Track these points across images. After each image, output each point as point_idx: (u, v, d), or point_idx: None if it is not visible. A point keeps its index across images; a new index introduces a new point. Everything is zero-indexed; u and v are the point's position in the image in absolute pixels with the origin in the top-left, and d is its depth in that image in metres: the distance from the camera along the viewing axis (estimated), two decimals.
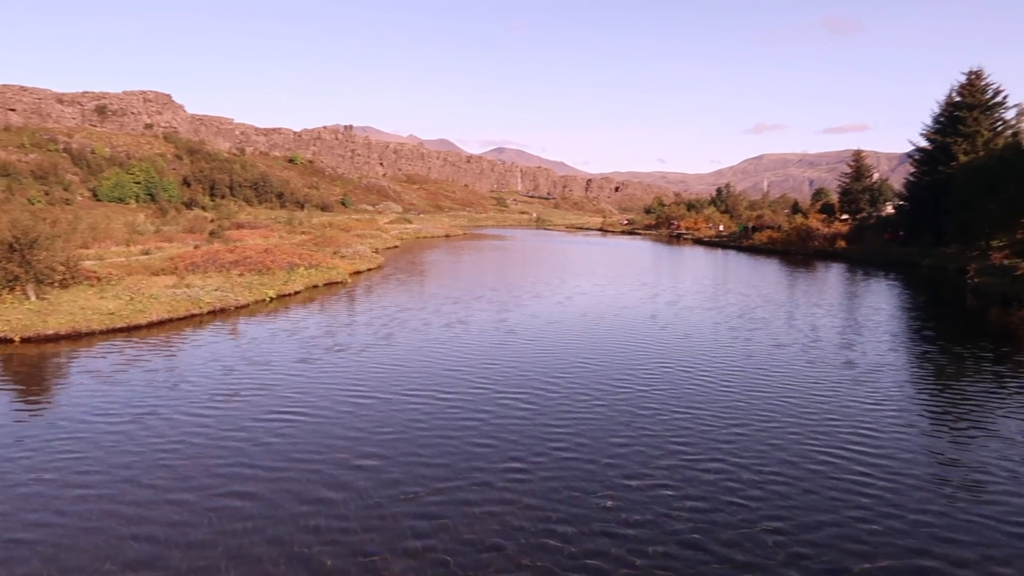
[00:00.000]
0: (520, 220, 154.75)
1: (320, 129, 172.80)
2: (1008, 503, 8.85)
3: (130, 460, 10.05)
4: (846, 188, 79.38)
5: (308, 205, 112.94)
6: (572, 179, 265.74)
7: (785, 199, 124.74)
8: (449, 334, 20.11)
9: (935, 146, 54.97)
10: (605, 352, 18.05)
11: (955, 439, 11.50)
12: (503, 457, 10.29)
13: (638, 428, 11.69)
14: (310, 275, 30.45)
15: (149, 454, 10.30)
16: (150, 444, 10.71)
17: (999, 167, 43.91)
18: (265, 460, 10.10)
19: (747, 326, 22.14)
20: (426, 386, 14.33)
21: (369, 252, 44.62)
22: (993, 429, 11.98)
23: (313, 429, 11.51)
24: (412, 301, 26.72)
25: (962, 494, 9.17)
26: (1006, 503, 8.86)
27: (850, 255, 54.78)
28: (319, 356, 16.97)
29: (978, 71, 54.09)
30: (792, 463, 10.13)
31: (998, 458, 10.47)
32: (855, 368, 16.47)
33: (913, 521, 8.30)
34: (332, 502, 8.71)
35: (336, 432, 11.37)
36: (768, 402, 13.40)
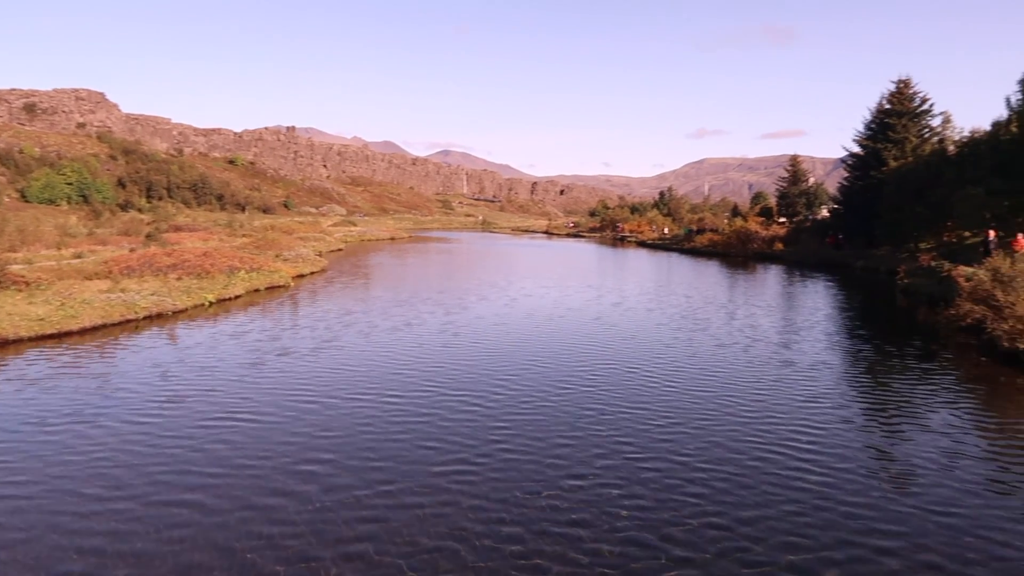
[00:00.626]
0: (466, 223, 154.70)
1: (262, 130, 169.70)
2: (935, 494, 9.24)
3: (69, 470, 9.72)
4: (783, 192, 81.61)
5: (249, 207, 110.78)
6: (518, 182, 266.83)
7: (725, 202, 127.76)
8: (395, 337, 19.99)
9: (867, 152, 56.93)
10: (551, 353, 18.19)
11: (886, 433, 11.95)
12: (449, 459, 10.29)
13: (583, 428, 11.83)
14: (251, 279, 29.88)
15: (88, 463, 9.98)
16: (89, 452, 10.38)
17: (926, 172, 45.76)
18: (209, 466, 9.89)
19: (689, 326, 22.58)
20: (372, 389, 14.22)
21: (312, 255, 44.00)
22: (922, 423, 12.49)
23: (257, 434, 11.32)
24: (357, 304, 26.47)
25: (892, 486, 9.54)
26: (933, 494, 9.24)
27: (787, 257, 56.35)
28: (262, 360, 16.68)
29: (906, 80, 56.24)
30: (732, 459, 10.38)
31: (926, 451, 10.92)
32: (792, 366, 16.96)
33: (846, 512, 8.60)
34: (278, 508, 8.59)
35: (281, 437, 11.20)
36: (709, 401, 13.70)
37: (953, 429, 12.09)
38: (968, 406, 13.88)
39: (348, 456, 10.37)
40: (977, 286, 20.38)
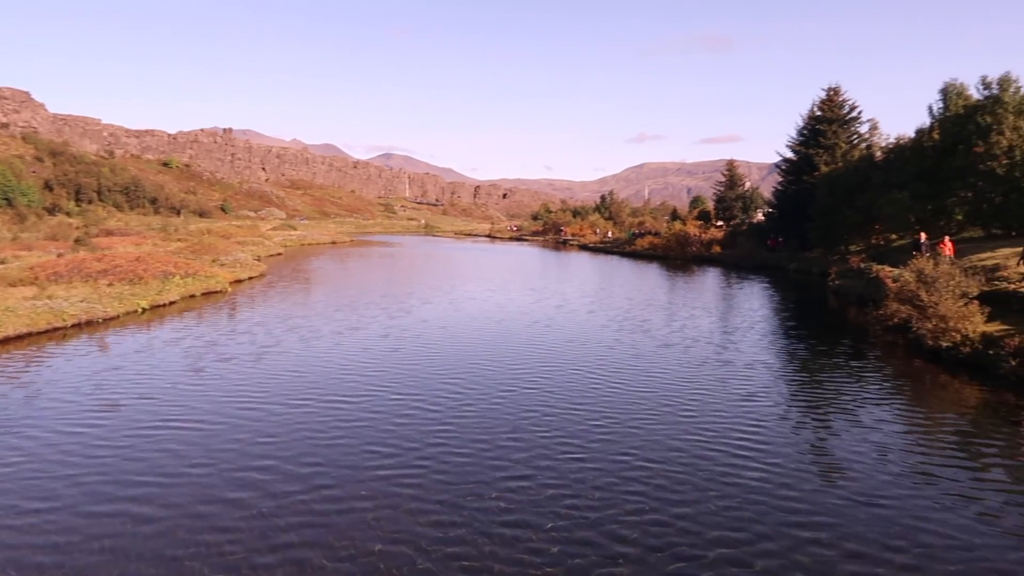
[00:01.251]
0: (408, 227, 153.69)
1: (197, 132, 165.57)
2: (863, 485, 9.61)
3: (1, 484, 9.33)
4: (721, 196, 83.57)
5: (185, 211, 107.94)
6: (460, 185, 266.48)
7: (665, 206, 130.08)
8: (338, 342, 19.74)
9: (799, 157, 58.69)
10: (494, 356, 18.23)
11: (818, 429, 12.36)
12: (393, 462, 10.23)
13: (526, 429, 11.89)
14: (187, 284, 29.11)
15: (21, 475, 9.59)
16: (21, 465, 9.98)
17: (855, 177, 47.44)
18: (147, 475, 9.61)
19: (630, 328, 22.91)
20: (314, 394, 14.02)
21: (251, 260, 43.10)
22: (851, 419, 12.97)
23: (197, 441, 11.05)
24: (297, 309, 26.05)
25: (823, 478, 9.87)
26: (862, 485, 9.60)
27: (724, 259, 57.69)
28: (199, 367, 16.28)
29: (836, 88, 58.21)
30: (670, 457, 10.59)
31: (855, 444, 11.34)
32: (729, 366, 17.37)
33: (778, 505, 8.88)
34: (220, 515, 8.41)
35: (221, 443, 10.95)
36: (650, 400, 13.93)
37: (881, 423, 12.59)
38: (895, 401, 14.46)
39: (291, 462, 10.21)
40: (903, 287, 21.21)
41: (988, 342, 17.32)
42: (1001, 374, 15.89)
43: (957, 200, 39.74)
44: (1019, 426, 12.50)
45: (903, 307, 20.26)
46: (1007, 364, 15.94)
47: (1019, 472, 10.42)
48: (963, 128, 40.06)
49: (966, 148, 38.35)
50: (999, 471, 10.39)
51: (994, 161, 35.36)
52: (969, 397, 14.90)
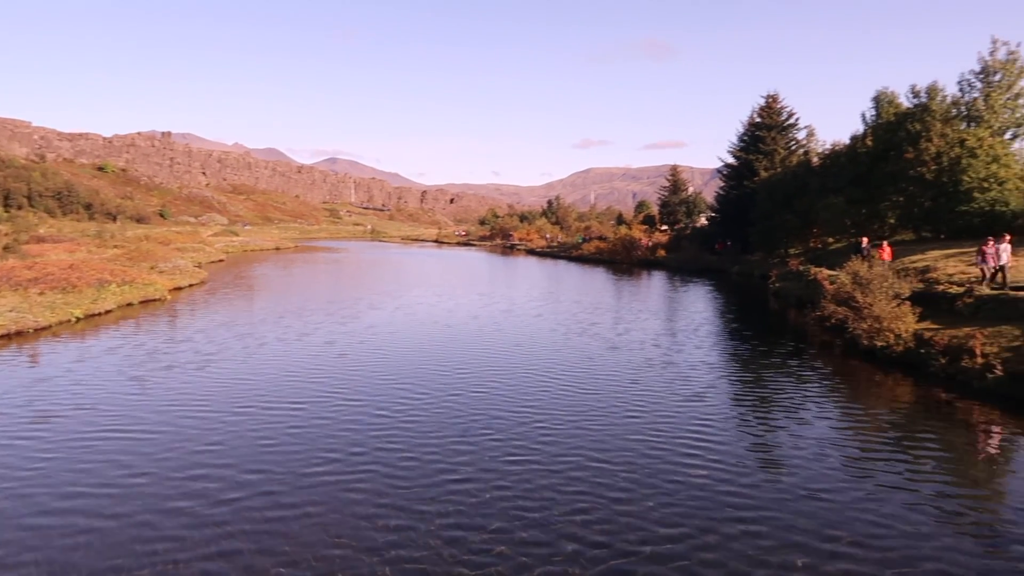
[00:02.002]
0: (354, 232, 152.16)
1: (134, 135, 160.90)
2: (802, 479, 9.86)
3: None
4: (665, 201, 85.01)
5: (121, 217, 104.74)
6: (407, 191, 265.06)
7: (611, 211, 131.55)
8: (282, 348, 19.38)
9: (740, 162, 60.13)
10: (443, 361, 18.14)
11: (759, 426, 12.64)
12: (340, 468, 10.08)
13: (475, 433, 11.86)
14: (123, 292, 28.23)
15: None
16: None
17: (793, 182, 48.83)
18: (90, 486, 9.26)
19: (577, 331, 23.07)
20: (257, 401, 13.71)
21: (191, 267, 42.05)
22: (791, 416, 13.32)
23: (138, 451, 10.68)
24: (240, 316, 25.51)
25: (764, 474, 10.10)
26: (801, 479, 9.86)
27: (669, 263, 58.64)
28: (138, 376, 15.78)
29: (775, 95, 59.83)
30: (616, 457, 10.70)
31: (795, 441, 11.66)
32: (674, 367, 17.65)
33: (721, 500, 9.06)
34: (166, 524, 8.17)
35: (163, 453, 10.62)
36: (596, 402, 14.05)
37: (819, 420, 12.97)
38: (832, 399, 14.92)
39: (237, 468, 9.97)
40: (839, 289, 21.87)
41: (919, 341, 17.99)
42: (932, 371, 16.54)
43: (890, 204, 41.20)
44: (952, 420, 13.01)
45: (840, 308, 20.89)
46: (937, 362, 16.59)
47: (949, 463, 10.84)
48: (894, 135, 41.60)
49: (897, 154, 39.81)
50: (931, 463, 10.79)
51: (923, 167, 36.77)
52: (902, 394, 15.44)
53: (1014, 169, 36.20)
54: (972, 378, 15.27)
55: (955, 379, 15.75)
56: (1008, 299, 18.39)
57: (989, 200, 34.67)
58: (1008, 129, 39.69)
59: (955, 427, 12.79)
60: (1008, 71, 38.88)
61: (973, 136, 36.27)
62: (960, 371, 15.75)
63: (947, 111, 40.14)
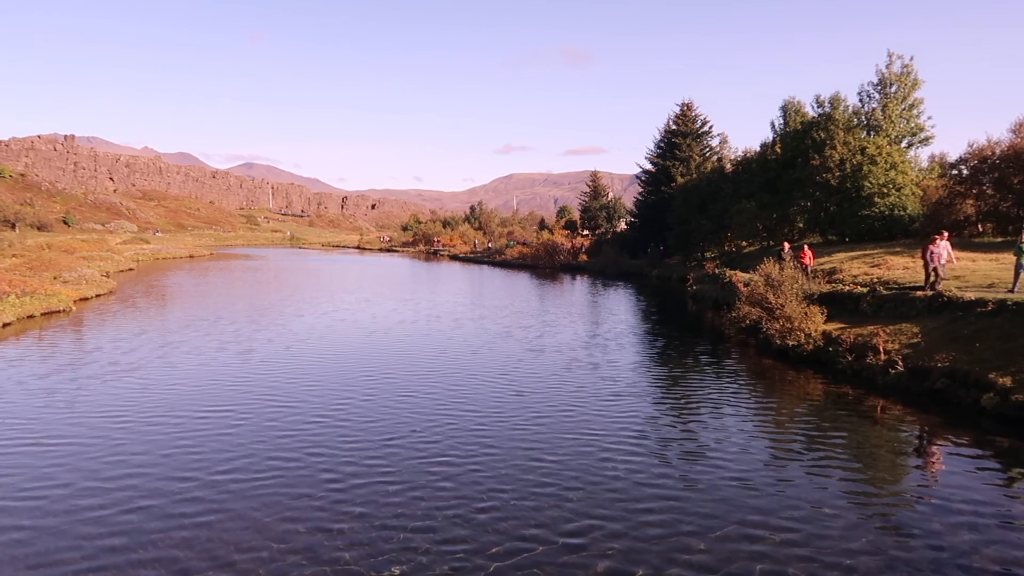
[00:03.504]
0: (273, 239, 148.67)
1: (34, 138, 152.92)
2: (720, 471, 10.23)
3: None
4: (586, 206, 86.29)
5: (20, 224, 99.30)
6: (327, 196, 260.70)
7: (533, 216, 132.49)
8: (196, 359, 18.78)
9: (657, 168, 61.65)
10: (367, 367, 17.96)
11: (678, 423, 13.03)
12: (257, 477, 9.87)
13: (402, 435, 11.81)
14: (24, 304, 26.80)
15: None
16: None
17: (708, 188, 50.44)
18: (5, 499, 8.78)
19: (501, 334, 23.21)
20: (167, 413, 13.27)
21: (98, 276, 40.28)
22: (708, 413, 13.79)
23: (44, 461, 10.18)
24: (150, 327, 24.58)
25: (682, 468, 10.43)
26: (719, 471, 10.23)
27: (591, 267, 59.59)
28: (41, 388, 15.01)
29: (689, 103, 61.63)
30: (538, 456, 10.84)
31: (712, 435, 12.08)
32: (596, 368, 17.99)
33: (638, 494, 9.32)
34: (75, 532, 7.81)
35: (70, 462, 10.16)
36: (521, 403, 14.18)
37: (735, 417, 13.49)
38: (747, 396, 15.50)
39: (157, 479, 9.63)
40: (753, 291, 22.71)
41: (828, 340, 18.87)
42: (840, 368, 17.38)
43: (798, 209, 43.06)
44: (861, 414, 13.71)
45: (753, 309, 21.69)
46: (844, 359, 17.44)
47: (855, 454, 11.43)
48: (801, 142, 43.56)
49: (804, 161, 41.69)
50: (839, 453, 11.34)
51: (828, 173, 38.60)
52: (812, 390, 16.16)
53: (910, 175, 38.47)
54: (876, 374, 16.12)
55: (861, 375, 16.59)
56: (906, 299, 19.49)
57: (888, 205, 36.69)
58: (904, 138, 42.12)
59: (861, 420, 13.48)
60: (903, 83, 41.28)
61: (873, 144, 38.34)
62: (865, 368, 16.61)
63: (849, 120, 42.32)
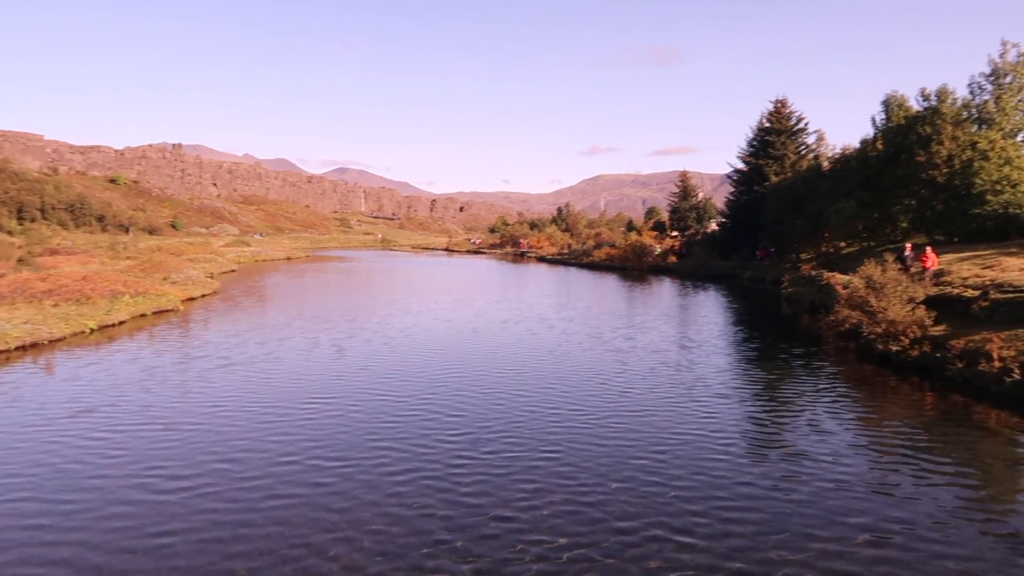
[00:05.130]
0: (365, 241, 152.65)
1: (145, 147, 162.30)
2: (817, 484, 9.78)
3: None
4: (675, 207, 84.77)
5: (133, 228, 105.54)
6: (417, 199, 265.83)
7: (621, 217, 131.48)
8: (299, 357, 19.41)
9: (750, 167, 60.02)
10: (460, 367, 18.10)
11: (773, 429, 12.54)
12: (360, 459, 10.08)
13: (489, 443, 11.84)
14: (137, 303, 28.38)
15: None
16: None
17: (803, 187, 48.69)
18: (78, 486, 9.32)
19: (592, 337, 23.01)
20: (285, 405, 13.76)
21: (203, 277, 42.29)
22: (806, 422, 13.19)
23: (163, 450, 10.74)
24: (253, 326, 25.58)
25: (779, 480, 10.01)
26: (814, 486, 9.77)
27: (680, 269, 58.51)
28: (154, 384, 15.84)
29: (783, 100, 59.75)
30: (634, 461, 10.65)
31: (810, 446, 11.55)
32: (686, 372, 17.54)
33: (736, 505, 8.99)
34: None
35: (187, 452, 10.67)
36: (613, 408, 13.99)
37: (834, 425, 12.85)
38: (847, 403, 14.79)
39: (258, 467, 9.99)
40: (853, 293, 21.73)
41: (935, 345, 17.83)
42: (948, 375, 16.37)
43: (901, 208, 40.98)
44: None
45: (853, 313, 20.74)
46: (953, 366, 16.42)
47: (968, 468, 10.71)
48: (905, 138, 41.40)
49: (908, 157, 39.62)
50: (949, 467, 10.64)
51: (935, 170, 36.56)
52: (918, 398, 15.29)
53: None
54: (989, 382, 15.10)
55: (972, 383, 15.58)
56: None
57: (1002, 203, 34.43)
58: (1020, 131, 39.41)
59: (973, 430, 12.64)
60: (1018, 73, 38.61)
61: (985, 139, 36.05)
62: (977, 375, 15.59)
63: (958, 114, 39.91)
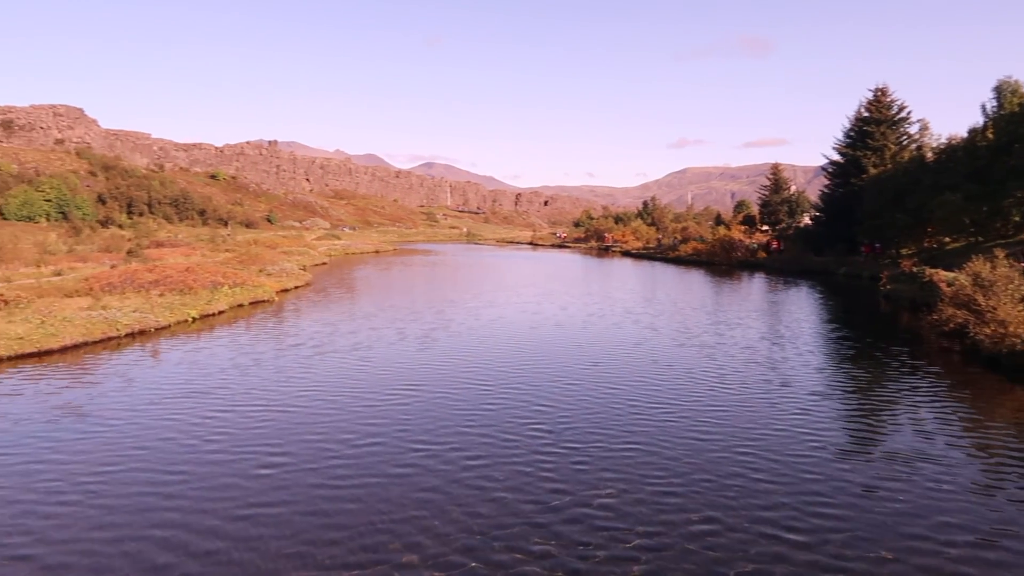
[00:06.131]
0: (450, 235, 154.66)
1: (243, 144, 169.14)
2: (918, 487, 9.29)
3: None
4: (766, 200, 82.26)
5: (232, 222, 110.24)
6: (502, 193, 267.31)
7: (708, 211, 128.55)
8: (389, 347, 19.86)
9: (847, 159, 57.57)
10: (545, 360, 18.14)
11: (872, 434, 12.00)
12: (445, 444, 10.22)
13: (574, 433, 11.80)
14: (235, 294, 29.66)
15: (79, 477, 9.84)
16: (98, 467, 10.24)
17: (904, 179, 46.33)
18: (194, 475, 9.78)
19: (682, 334, 22.61)
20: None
21: (296, 269, 43.81)
22: (905, 426, 12.57)
23: (238, 446, 11.20)
24: (341, 318, 26.31)
25: (878, 489, 9.56)
26: (915, 493, 9.29)
27: (770, 264, 56.75)
28: (250, 372, 16.51)
29: (883, 88, 56.98)
30: (729, 460, 10.40)
31: (912, 449, 11.00)
32: (780, 374, 17.01)
33: (834, 502, 8.64)
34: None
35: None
36: (704, 409, 13.71)
37: (938, 431, 12.16)
38: (952, 410, 13.95)
39: (348, 444, 10.27)
40: (959, 291, 20.57)
41: None
42: None
43: (1014, 201, 38.50)
44: None
45: (959, 312, 19.64)
46: None
47: None
48: (1019, 126, 38.82)
49: (1022, 147, 37.15)
50: None
51: None
52: None
53: None
54: None
55: None
56: None
57: None
58: None
59: None
60: None
61: None
62: None
63: None
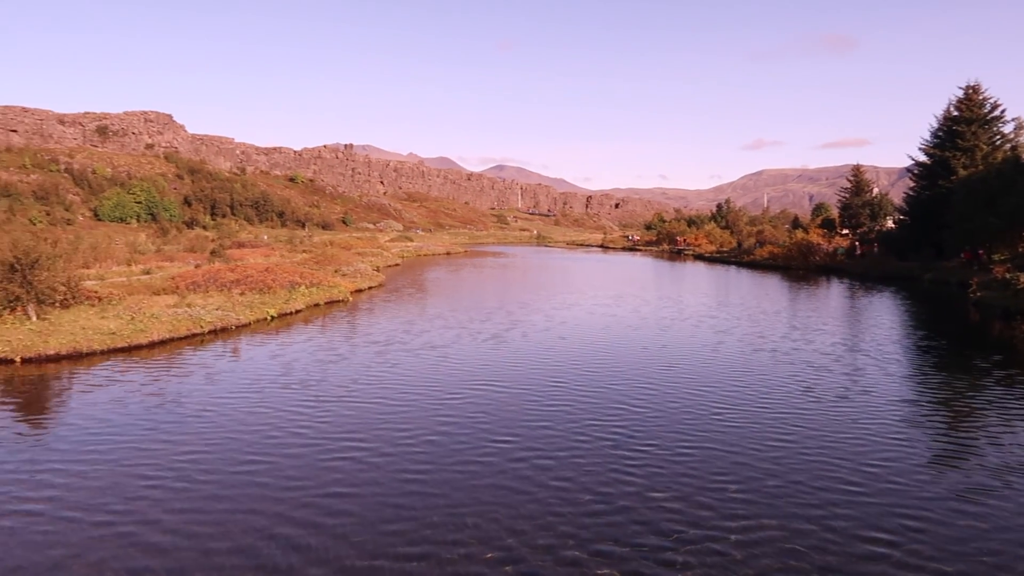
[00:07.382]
0: (521, 237, 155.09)
1: (320, 148, 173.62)
2: (1001, 514, 8.79)
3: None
4: (846, 203, 79.41)
5: (309, 224, 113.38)
6: (572, 196, 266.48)
7: (785, 214, 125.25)
8: (461, 348, 20.04)
9: (934, 160, 55.16)
10: (618, 363, 17.99)
11: (957, 450, 11.44)
12: (517, 443, 10.23)
13: (649, 436, 11.64)
14: (311, 294, 30.44)
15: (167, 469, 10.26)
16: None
17: (998, 181, 44.00)
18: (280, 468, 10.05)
19: (762, 341, 22.08)
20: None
21: (370, 270, 44.67)
22: (996, 442, 11.91)
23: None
24: (414, 319, 26.67)
25: (962, 511, 9.10)
26: (1000, 514, 8.79)
27: (851, 270, 54.76)
28: (329, 369, 16.91)
29: (975, 85, 54.34)
30: (804, 474, 10.08)
31: (999, 455, 10.43)
32: (863, 383, 16.41)
33: (918, 515, 8.26)
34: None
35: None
36: (781, 421, 13.35)
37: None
38: None
39: (416, 442, 10.40)
40: None
41: None
42: None
43: None
44: None
45: None
46: None
47: None
48: None
49: None
50: None
51: None
52: None
53: None
54: None
55: None
56: None
57: None
58: None
59: None
60: None
61: None
62: None
63: None
